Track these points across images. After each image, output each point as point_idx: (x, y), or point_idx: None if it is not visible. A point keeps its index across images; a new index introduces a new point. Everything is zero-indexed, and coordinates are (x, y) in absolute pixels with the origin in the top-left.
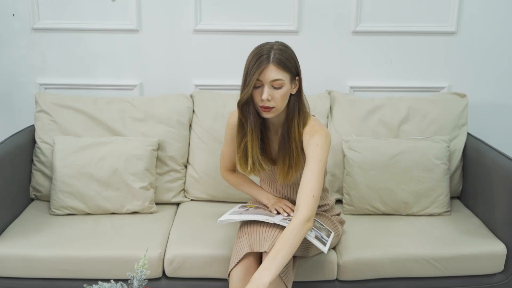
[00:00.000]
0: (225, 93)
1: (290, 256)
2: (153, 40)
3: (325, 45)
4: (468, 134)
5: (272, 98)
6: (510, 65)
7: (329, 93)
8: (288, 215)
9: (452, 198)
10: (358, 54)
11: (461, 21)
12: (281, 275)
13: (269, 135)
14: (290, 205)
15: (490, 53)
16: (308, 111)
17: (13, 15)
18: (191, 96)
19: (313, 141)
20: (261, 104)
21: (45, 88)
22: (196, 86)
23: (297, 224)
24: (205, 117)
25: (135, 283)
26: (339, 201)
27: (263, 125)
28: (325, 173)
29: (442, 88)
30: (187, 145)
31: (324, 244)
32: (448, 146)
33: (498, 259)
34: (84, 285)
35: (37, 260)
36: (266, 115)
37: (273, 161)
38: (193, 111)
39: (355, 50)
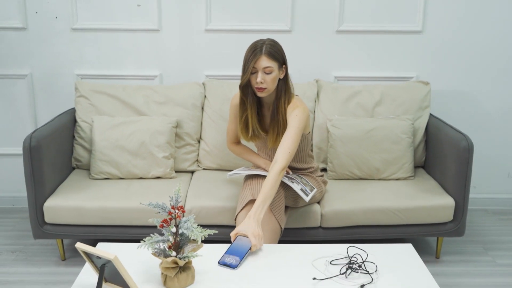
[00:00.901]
0: (231, 81)
1: (273, 196)
2: (171, 38)
3: (313, 42)
4: (430, 114)
5: (264, 81)
6: (466, 58)
7: (317, 81)
8: None
9: (417, 167)
10: (341, 50)
11: (426, 22)
12: (276, 217)
13: (263, 111)
14: None
15: (450, 48)
16: (292, 92)
17: (56, 17)
18: (203, 84)
19: (294, 113)
20: (256, 86)
21: (81, 78)
22: (207, 76)
23: (276, 173)
24: (214, 101)
25: (174, 200)
26: (324, 169)
27: (259, 103)
28: (311, 143)
29: (411, 77)
30: (200, 124)
31: (307, 195)
32: (413, 124)
33: (448, 210)
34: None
35: (84, 210)
36: (260, 94)
37: (266, 132)
38: (205, 96)
39: (339, 46)
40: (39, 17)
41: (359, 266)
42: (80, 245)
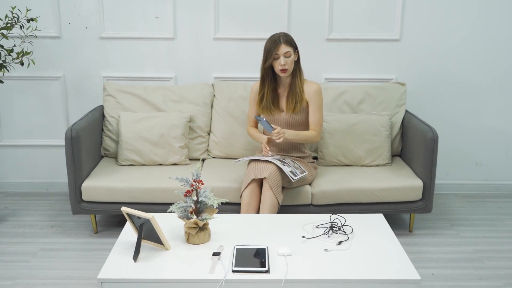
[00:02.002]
0: (236, 82)
1: (297, 140)
2: (184, 45)
3: (306, 48)
4: (406, 111)
5: (286, 63)
6: (437, 62)
7: (309, 81)
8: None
9: (394, 155)
10: (330, 55)
11: (403, 32)
12: (275, 194)
13: (279, 91)
14: (267, 147)
15: (423, 54)
16: (303, 73)
17: (86, 28)
18: (212, 84)
19: (315, 91)
20: (280, 68)
21: (107, 80)
22: (215, 77)
23: (312, 135)
24: (222, 99)
25: (195, 175)
26: (315, 157)
27: (276, 84)
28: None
29: (390, 79)
30: (209, 119)
31: (295, 176)
32: (390, 119)
33: (418, 191)
34: (169, 177)
35: (114, 190)
36: (283, 74)
37: (281, 110)
38: (214, 95)
39: (328, 52)
40: (72, 28)
41: (339, 229)
42: (124, 209)
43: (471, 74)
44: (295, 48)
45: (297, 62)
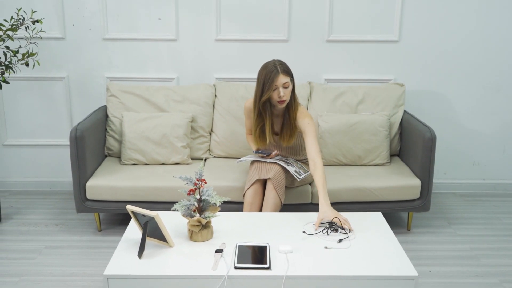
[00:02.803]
0: (237, 83)
1: (326, 183)
2: (186, 47)
3: (307, 49)
4: (405, 111)
5: (285, 94)
6: (435, 63)
7: (309, 83)
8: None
9: (393, 155)
10: (330, 56)
11: (401, 33)
12: (278, 193)
13: (274, 119)
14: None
15: (422, 55)
16: (298, 101)
17: (90, 29)
18: (213, 85)
19: (306, 122)
20: (278, 100)
21: (110, 80)
22: (217, 78)
23: (321, 169)
24: (223, 99)
25: (198, 174)
26: None
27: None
28: None
29: (389, 80)
30: (211, 119)
31: (300, 175)
32: (389, 119)
33: (415, 190)
34: (173, 176)
35: (118, 189)
36: (281, 106)
37: (276, 135)
38: (215, 95)
39: (328, 53)
40: (76, 29)
41: (337, 230)
42: (130, 207)
43: (469, 74)
44: (291, 76)
45: (292, 91)
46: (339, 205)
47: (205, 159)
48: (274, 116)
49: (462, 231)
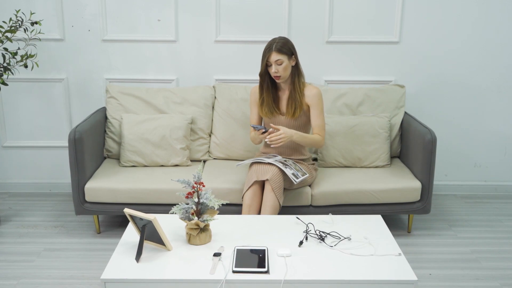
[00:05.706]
0: (237, 85)
1: (302, 143)
2: (186, 48)
3: (307, 51)
4: (405, 113)
5: (278, 70)
6: (436, 65)
7: (310, 84)
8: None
9: (393, 157)
10: (330, 57)
11: (402, 35)
12: (276, 195)
13: (279, 94)
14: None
15: (422, 56)
16: (303, 77)
17: (89, 30)
18: (213, 87)
19: (315, 95)
20: (273, 75)
21: (110, 82)
22: (216, 80)
23: (317, 139)
24: (223, 101)
25: (196, 177)
26: (315, 159)
27: (274, 88)
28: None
29: (389, 81)
30: (211, 121)
31: (297, 178)
32: (390, 121)
33: (416, 192)
34: (171, 179)
35: (117, 191)
36: (277, 80)
37: (281, 113)
38: (215, 97)
39: (328, 55)
40: (75, 30)
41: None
42: (127, 210)
43: (470, 76)
44: (290, 54)
45: (296, 67)
46: (339, 208)
47: (204, 162)
48: (281, 92)
49: (463, 233)
